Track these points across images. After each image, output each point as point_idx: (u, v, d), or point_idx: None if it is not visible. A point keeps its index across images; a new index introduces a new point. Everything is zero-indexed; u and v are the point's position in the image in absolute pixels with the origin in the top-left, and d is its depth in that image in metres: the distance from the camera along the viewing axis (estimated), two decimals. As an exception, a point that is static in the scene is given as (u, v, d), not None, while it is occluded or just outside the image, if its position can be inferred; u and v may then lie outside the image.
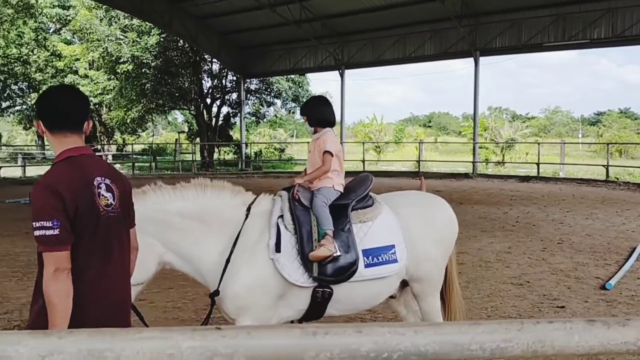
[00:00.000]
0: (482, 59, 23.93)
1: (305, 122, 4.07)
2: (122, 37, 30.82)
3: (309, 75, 36.91)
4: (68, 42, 37.95)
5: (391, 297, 3.91)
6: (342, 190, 3.82)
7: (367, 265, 3.49)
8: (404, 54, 25.63)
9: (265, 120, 38.87)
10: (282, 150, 38.46)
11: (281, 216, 3.51)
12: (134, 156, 37.30)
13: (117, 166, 33.55)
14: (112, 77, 33.19)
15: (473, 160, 24.29)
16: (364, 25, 25.51)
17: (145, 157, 38.82)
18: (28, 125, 47.55)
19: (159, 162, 33.83)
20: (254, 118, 37.17)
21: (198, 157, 31.88)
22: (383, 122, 42.32)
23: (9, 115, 45.18)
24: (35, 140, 48.36)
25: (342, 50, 27.25)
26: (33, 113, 41.88)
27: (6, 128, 56.82)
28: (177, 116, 52.35)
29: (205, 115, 32.07)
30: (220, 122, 33.06)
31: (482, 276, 7.15)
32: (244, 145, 32.00)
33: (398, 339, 0.98)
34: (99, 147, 40.05)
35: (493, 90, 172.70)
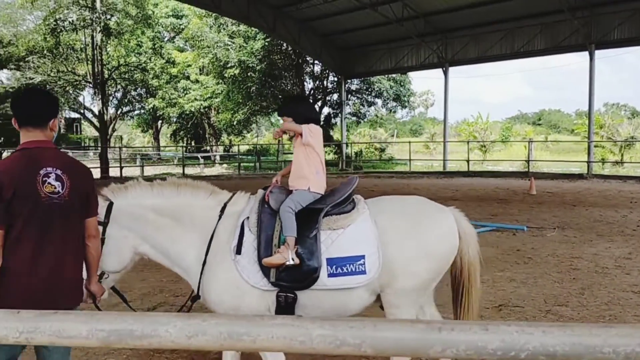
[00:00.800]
0: (597, 53, 22.34)
1: (287, 123, 3.82)
2: (229, 42, 32.26)
3: (411, 74, 36.55)
4: (181, 50, 40.34)
5: (381, 307, 3.58)
6: (320, 192, 3.64)
7: (330, 275, 3.31)
8: (512, 49, 24.57)
9: (365, 120, 38.97)
10: (383, 150, 38.32)
11: (249, 217, 3.47)
12: (240, 156, 38.90)
13: (224, 166, 35.21)
14: (220, 81, 34.87)
15: (588, 160, 22.78)
16: (468, 20, 24.78)
17: (249, 157, 40.35)
18: (146, 128, 51.20)
19: (263, 162, 35.00)
20: (354, 118, 37.40)
21: (300, 157, 32.57)
22: (489, 120, 40.88)
23: (130, 119, 48.80)
24: (152, 142, 51.86)
25: (446, 47, 26.65)
26: (150, 117, 45.10)
27: (126, 131, 61.55)
28: (279, 117, 53.81)
29: (307, 116, 32.70)
30: (321, 123, 33.57)
31: (598, 283, 6.71)
32: (344, 146, 32.29)
33: (526, 339, 0.97)
34: (208, 147, 42.25)
35: (610, 85, 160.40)
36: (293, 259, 3.26)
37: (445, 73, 27.02)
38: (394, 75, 34.52)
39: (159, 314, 1.02)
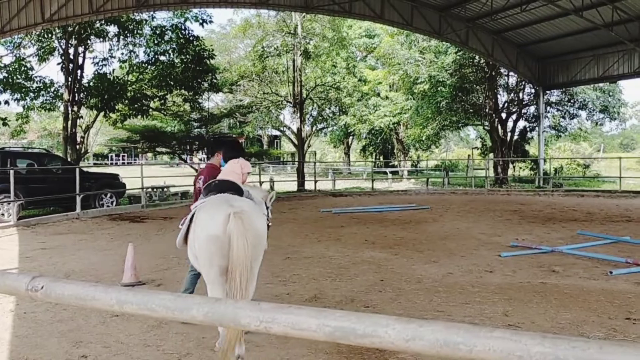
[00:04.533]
0: None
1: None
2: (420, 58, 32.42)
3: (622, 83, 32.96)
4: (372, 68, 41.67)
5: None
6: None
7: None
8: None
9: (566, 133, 36.02)
10: (587, 167, 35.02)
11: None
12: (427, 172, 38.67)
13: (412, 181, 35.36)
14: (410, 97, 35.17)
15: None
16: (695, 19, 21.57)
17: (437, 172, 39.89)
18: (337, 144, 53.73)
19: (451, 178, 34.33)
20: (553, 132, 34.80)
21: (491, 173, 31.34)
22: None
23: (324, 135, 51.71)
24: (343, 157, 54.18)
25: (666, 51, 23.50)
26: (342, 133, 47.26)
27: (319, 146, 65.28)
28: (469, 132, 52.45)
29: (500, 130, 31.34)
30: (515, 137, 31.89)
31: None
32: (541, 161, 30.19)
33: None
34: (396, 163, 42.75)
35: None
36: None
37: (666, 80, 23.81)
38: (601, 85, 31.44)
39: (380, 315, 1.09)
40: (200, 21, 22.51)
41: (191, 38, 22.65)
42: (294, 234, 12.05)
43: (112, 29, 21.99)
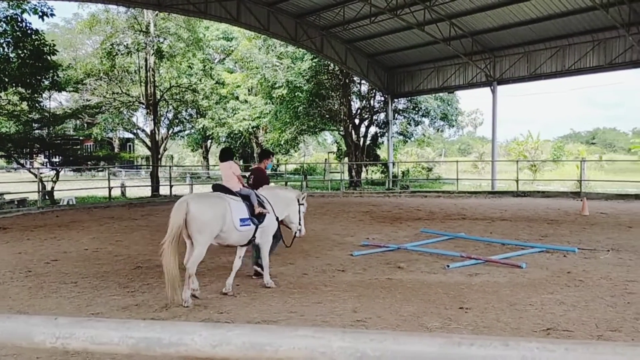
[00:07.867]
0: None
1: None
2: (277, 63, 32.84)
3: (458, 93, 36.23)
4: (230, 71, 41.34)
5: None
6: None
7: None
8: (563, 66, 24.00)
9: (412, 139, 38.77)
10: (430, 170, 37.92)
11: None
12: (287, 175, 39.28)
13: (272, 184, 35.64)
14: (268, 101, 35.46)
15: (645, 180, 21.83)
16: (517, 39, 24.43)
17: (297, 176, 40.68)
18: (195, 148, 52.45)
19: (310, 181, 35.21)
20: (401, 137, 37.25)
21: (346, 176, 32.66)
22: (539, 140, 39.91)
23: (181, 139, 50.17)
24: (202, 161, 53.03)
25: (494, 65, 26.30)
26: (200, 137, 46.26)
27: (177, 150, 63.26)
28: (327, 137, 54.23)
29: (354, 136, 32.82)
30: (368, 142, 33.58)
31: (656, 309, 6.37)
32: (391, 165, 32.13)
33: (547, 356, 0.94)
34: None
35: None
36: None
37: (493, 92, 26.59)
38: (441, 94, 34.30)
39: (186, 323, 1.05)
40: (40, 14, 20.59)
41: (29, 31, 20.62)
42: (146, 241, 11.51)
43: None
